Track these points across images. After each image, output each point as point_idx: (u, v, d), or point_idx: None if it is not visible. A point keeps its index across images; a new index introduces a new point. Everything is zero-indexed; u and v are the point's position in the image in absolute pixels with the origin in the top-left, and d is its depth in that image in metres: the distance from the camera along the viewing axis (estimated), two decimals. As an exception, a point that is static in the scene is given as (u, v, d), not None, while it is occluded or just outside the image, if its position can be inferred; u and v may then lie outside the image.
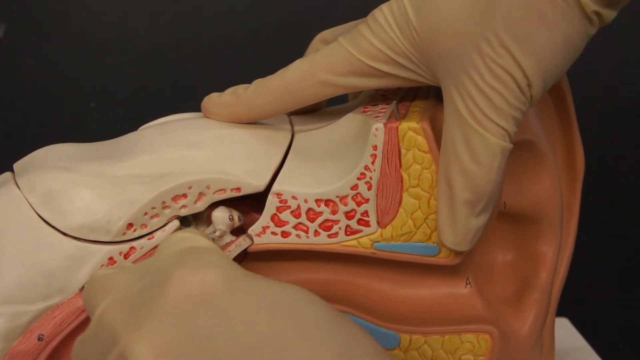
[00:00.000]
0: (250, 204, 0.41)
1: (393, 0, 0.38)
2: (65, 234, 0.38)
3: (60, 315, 0.38)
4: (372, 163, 0.38)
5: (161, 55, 0.72)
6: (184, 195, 0.39)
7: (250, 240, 0.40)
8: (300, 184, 0.39)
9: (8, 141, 0.72)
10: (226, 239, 0.40)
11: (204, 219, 0.40)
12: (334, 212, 0.39)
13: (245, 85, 0.41)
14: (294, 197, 0.39)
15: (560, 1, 0.35)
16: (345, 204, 0.39)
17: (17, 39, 0.72)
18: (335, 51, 0.39)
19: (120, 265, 0.38)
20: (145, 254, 0.39)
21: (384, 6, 0.38)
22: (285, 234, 0.39)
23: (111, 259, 0.39)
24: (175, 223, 0.39)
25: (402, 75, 0.39)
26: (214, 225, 0.39)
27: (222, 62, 0.72)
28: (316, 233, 0.39)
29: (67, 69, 0.73)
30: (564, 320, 0.63)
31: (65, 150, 0.41)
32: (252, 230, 0.40)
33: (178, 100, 0.53)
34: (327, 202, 0.39)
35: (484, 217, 0.38)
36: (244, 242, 0.40)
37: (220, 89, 0.42)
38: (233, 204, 0.40)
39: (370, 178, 0.38)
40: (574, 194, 0.46)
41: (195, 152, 0.40)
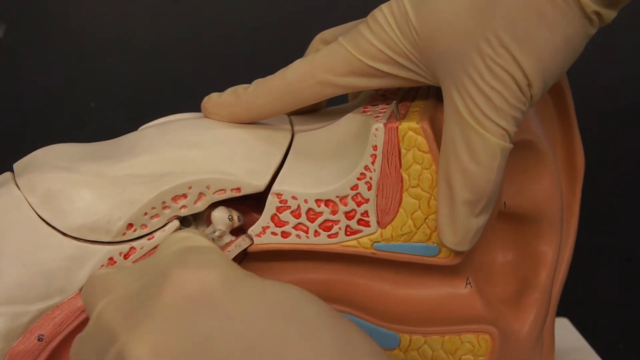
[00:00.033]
0: (250, 204, 0.41)
1: (393, 0, 0.38)
2: (65, 234, 0.38)
3: (60, 315, 0.38)
4: (372, 163, 0.38)
5: (161, 55, 0.72)
6: (184, 196, 0.39)
7: (250, 241, 0.40)
8: (300, 184, 0.39)
9: (8, 141, 0.72)
10: (226, 239, 0.40)
11: (203, 219, 0.40)
12: (334, 212, 0.39)
13: (245, 85, 0.41)
14: (294, 197, 0.39)
15: (560, 1, 0.35)
16: (345, 204, 0.39)
17: (17, 39, 0.72)
18: (335, 51, 0.39)
19: (119, 265, 0.38)
20: (145, 254, 0.39)
21: (384, 6, 0.38)
22: (285, 234, 0.39)
23: (111, 259, 0.39)
24: (175, 223, 0.39)
25: (402, 75, 0.39)
26: (214, 225, 0.39)
27: (222, 62, 0.72)
28: (316, 233, 0.39)
29: (67, 69, 0.72)
30: (564, 320, 0.63)
31: (65, 150, 0.41)
32: (252, 231, 0.40)
33: (178, 100, 0.53)
34: (327, 202, 0.39)
35: (484, 217, 0.38)
36: (243, 242, 0.40)
37: (220, 89, 0.42)
38: (233, 204, 0.40)
39: (370, 178, 0.38)
40: (574, 194, 0.46)
41: (195, 152, 0.40)
